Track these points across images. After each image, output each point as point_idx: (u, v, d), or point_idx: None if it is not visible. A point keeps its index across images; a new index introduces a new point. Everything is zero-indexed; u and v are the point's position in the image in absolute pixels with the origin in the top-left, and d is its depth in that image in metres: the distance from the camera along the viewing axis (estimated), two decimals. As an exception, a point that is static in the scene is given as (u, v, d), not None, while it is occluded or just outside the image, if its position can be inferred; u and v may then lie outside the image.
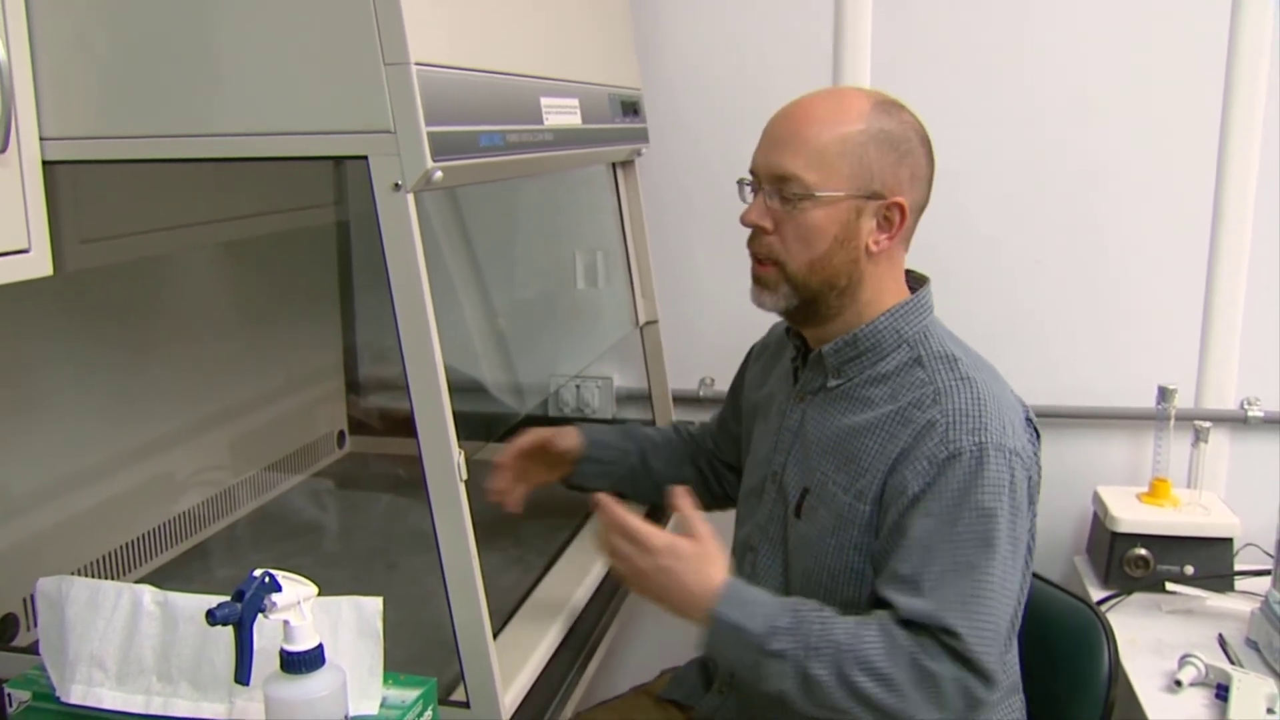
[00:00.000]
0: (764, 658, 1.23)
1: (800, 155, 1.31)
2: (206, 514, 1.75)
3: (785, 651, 1.23)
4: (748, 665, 1.25)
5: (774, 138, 1.36)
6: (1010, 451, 1.25)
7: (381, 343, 2.14)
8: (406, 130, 1.04)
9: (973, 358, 1.36)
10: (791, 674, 1.22)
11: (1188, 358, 2.01)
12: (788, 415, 1.45)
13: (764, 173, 1.35)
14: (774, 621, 1.24)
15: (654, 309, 2.04)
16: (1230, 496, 1.98)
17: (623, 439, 1.72)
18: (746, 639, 1.24)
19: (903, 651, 1.21)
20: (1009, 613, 1.25)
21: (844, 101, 1.35)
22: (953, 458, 1.24)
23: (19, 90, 1.07)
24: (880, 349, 1.36)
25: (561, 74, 1.48)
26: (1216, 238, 1.96)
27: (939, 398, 1.29)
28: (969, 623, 1.20)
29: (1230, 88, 1.91)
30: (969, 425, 1.25)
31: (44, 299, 1.38)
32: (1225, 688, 1.50)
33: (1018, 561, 1.26)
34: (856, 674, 1.20)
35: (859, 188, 1.31)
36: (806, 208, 1.31)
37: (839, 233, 1.32)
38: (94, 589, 1.13)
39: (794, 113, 1.36)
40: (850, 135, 1.31)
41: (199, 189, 1.57)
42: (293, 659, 0.97)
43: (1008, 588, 1.24)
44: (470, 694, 1.17)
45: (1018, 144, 1.99)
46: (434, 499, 1.11)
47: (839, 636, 1.23)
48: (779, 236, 1.35)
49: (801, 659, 1.22)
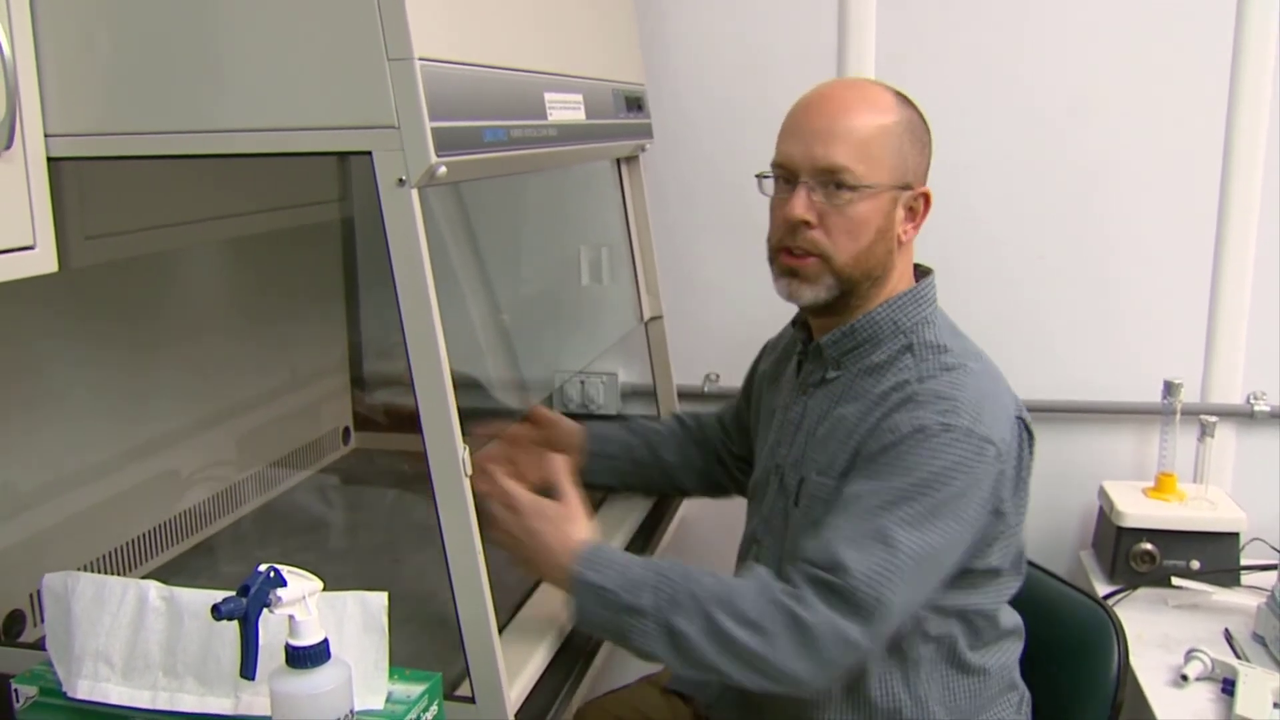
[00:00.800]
0: (627, 616, 1.22)
1: (846, 146, 1.31)
2: (212, 510, 1.76)
3: (646, 607, 1.21)
4: (613, 627, 1.24)
5: (815, 130, 1.34)
6: (980, 438, 1.24)
7: (386, 339, 2.14)
8: (410, 125, 1.04)
9: (969, 350, 1.36)
10: (656, 631, 1.21)
11: (1193, 352, 2.01)
12: (791, 408, 1.46)
13: (807, 165, 1.33)
14: (633, 577, 1.23)
15: (658, 304, 2.04)
16: (1236, 491, 1.98)
17: (626, 433, 1.73)
18: (607, 597, 1.23)
19: (775, 597, 1.19)
20: (924, 584, 1.23)
21: (871, 92, 1.36)
22: (917, 432, 1.24)
23: (24, 87, 1.07)
24: (876, 339, 1.36)
25: (565, 69, 1.48)
26: (1222, 232, 1.96)
27: (920, 381, 1.29)
28: (863, 560, 1.18)
29: (1236, 82, 1.90)
30: (940, 406, 1.25)
31: (49, 295, 1.38)
32: (1231, 682, 1.50)
33: (952, 544, 1.23)
34: (724, 620, 1.18)
35: (896, 179, 1.33)
36: (852, 199, 1.31)
37: (881, 224, 1.33)
38: (100, 584, 1.13)
39: (828, 105, 1.35)
40: (888, 126, 1.33)
41: (203, 185, 1.56)
42: (298, 654, 0.97)
43: (930, 558, 1.21)
44: (475, 689, 1.17)
45: (1022, 139, 1.99)
46: (439, 494, 1.11)
47: (706, 585, 1.21)
48: (824, 230, 1.33)
49: (665, 612, 1.20)
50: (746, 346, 1.73)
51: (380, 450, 2.18)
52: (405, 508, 1.82)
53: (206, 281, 1.77)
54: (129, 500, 1.57)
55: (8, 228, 1.05)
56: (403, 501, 1.85)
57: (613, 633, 1.25)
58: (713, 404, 2.18)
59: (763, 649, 1.18)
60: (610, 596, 1.23)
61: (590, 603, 1.25)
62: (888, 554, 1.19)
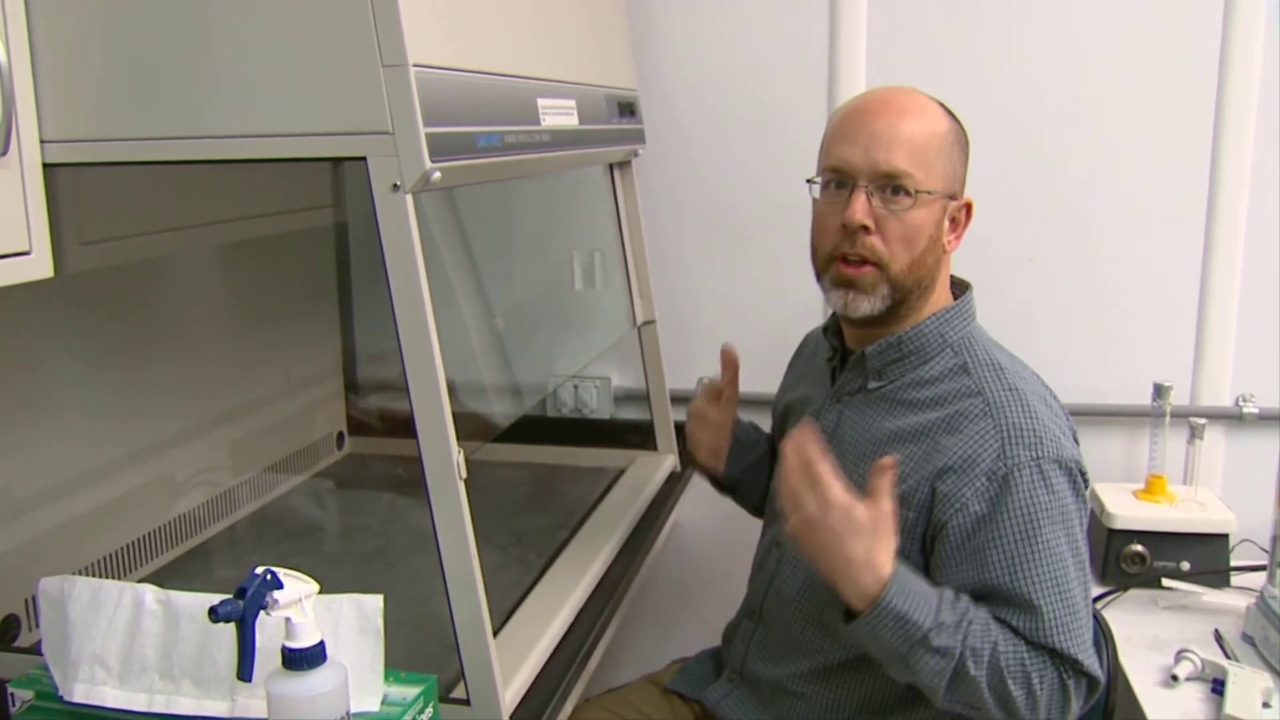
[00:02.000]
0: (924, 651, 1.20)
1: (908, 152, 1.31)
2: (207, 515, 1.76)
3: (948, 648, 1.20)
4: (899, 654, 1.21)
5: (875, 134, 1.32)
6: (1067, 460, 1.26)
7: (380, 344, 2.14)
8: (405, 131, 1.05)
9: (1017, 365, 1.37)
10: (948, 670, 1.21)
11: (1183, 355, 2.02)
12: (823, 415, 1.45)
13: (868, 169, 1.31)
14: (940, 617, 1.21)
15: (651, 309, 2.04)
16: (1226, 493, 1.99)
17: (758, 430, 1.70)
18: (910, 631, 1.19)
19: (1051, 670, 1.22)
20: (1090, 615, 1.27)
21: (922, 100, 1.36)
22: (1011, 473, 1.25)
23: (19, 93, 1.07)
24: (924, 352, 1.36)
25: (558, 75, 1.49)
26: (1211, 234, 1.97)
27: (990, 410, 1.29)
28: (1079, 643, 1.23)
29: (1224, 85, 1.92)
30: (1025, 440, 1.26)
31: (45, 301, 1.39)
32: (1221, 682, 1.51)
33: (1086, 566, 1.28)
34: (1010, 683, 1.21)
35: (948, 187, 1.33)
36: (910, 206, 1.31)
37: (934, 232, 1.33)
38: (96, 588, 1.14)
39: (887, 109, 1.34)
40: (943, 134, 1.33)
41: (198, 191, 1.57)
42: (295, 655, 0.97)
43: (1087, 594, 1.26)
44: (471, 691, 1.18)
45: (1012, 142, 2.00)
46: (434, 498, 1.12)
47: (999, 643, 1.22)
48: (881, 236, 1.32)
49: (963, 658, 1.20)
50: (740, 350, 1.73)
51: (374, 455, 2.18)
52: (399, 512, 1.83)
53: (201, 287, 1.78)
54: (124, 505, 1.58)
55: (3, 233, 1.05)
56: (397, 506, 1.86)
57: (897, 659, 1.22)
58: (706, 408, 2.19)
59: (1029, 714, 1.22)
60: (914, 632, 1.19)
61: (887, 629, 1.20)
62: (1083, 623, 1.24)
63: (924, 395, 1.34)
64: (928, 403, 1.33)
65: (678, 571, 2.02)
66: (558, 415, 2.26)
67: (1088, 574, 1.27)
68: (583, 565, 1.59)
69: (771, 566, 1.47)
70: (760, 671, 1.46)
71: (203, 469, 1.75)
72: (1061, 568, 1.24)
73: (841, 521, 1.20)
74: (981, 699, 1.21)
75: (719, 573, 1.67)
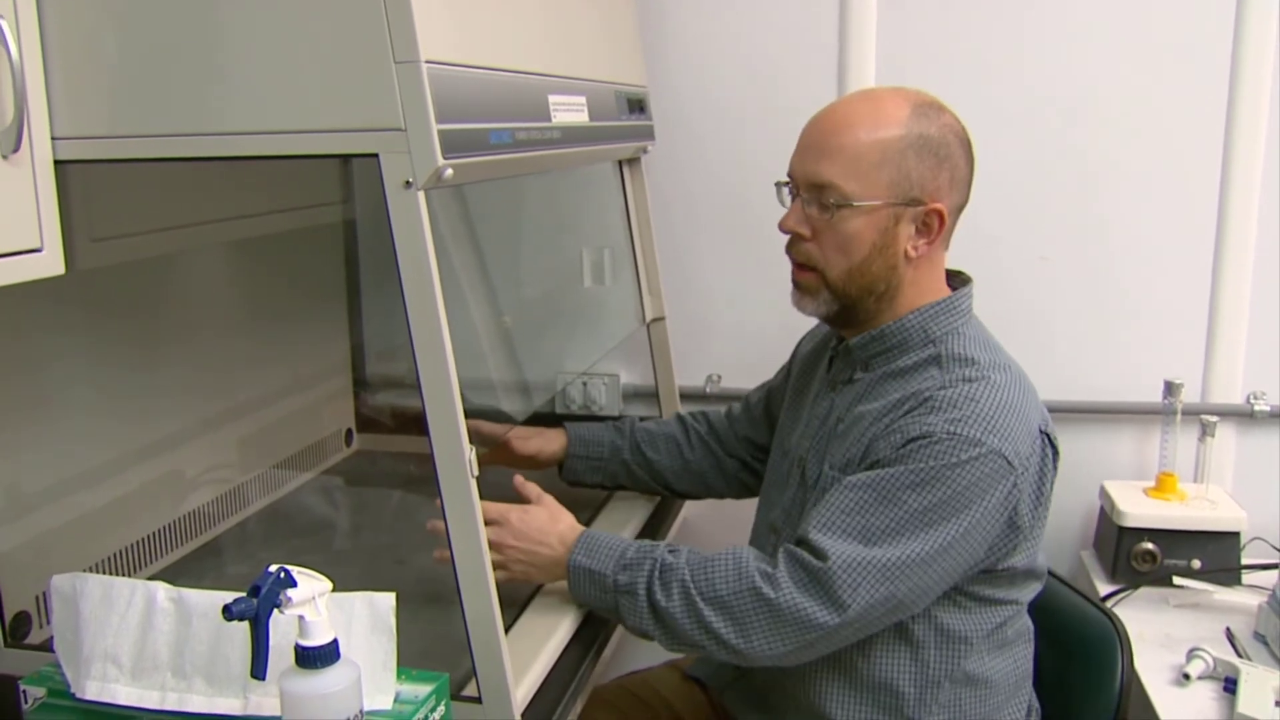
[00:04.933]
0: (617, 594, 1.31)
1: (838, 163, 1.31)
2: (216, 512, 1.76)
3: (634, 584, 1.30)
4: (609, 608, 1.34)
5: (811, 144, 1.35)
6: (990, 450, 1.23)
7: (389, 341, 2.15)
8: (417, 128, 1.05)
9: (998, 362, 1.34)
10: (645, 609, 1.29)
11: (1194, 352, 2.01)
12: (818, 404, 1.47)
13: (801, 180, 1.35)
14: (624, 560, 1.32)
15: (660, 306, 2.04)
16: (1237, 491, 1.99)
17: (614, 434, 1.75)
18: (599, 579, 1.33)
19: (748, 577, 1.25)
20: (910, 584, 1.23)
21: (882, 106, 1.33)
22: (923, 438, 1.24)
23: (31, 90, 1.07)
24: (905, 345, 1.36)
25: (569, 71, 1.49)
26: (1222, 232, 1.96)
27: (941, 390, 1.29)
28: (845, 550, 1.22)
29: (1236, 83, 1.91)
30: (951, 414, 1.25)
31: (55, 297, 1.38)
32: (1233, 681, 1.51)
33: (945, 551, 1.23)
34: (699, 600, 1.26)
35: (898, 195, 1.31)
36: (845, 216, 1.31)
37: (877, 240, 1.32)
38: (108, 586, 1.14)
39: (831, 118, 1.35)
40: (889, 142, 1.31)
41: (208, 188, 1.57)
42: (308, 654, 0.97)
43: (917, 563, 1.22)
44: (482, 689, 1.18)
45: (1023, 140, 1.99)
46: (445, 494, 1.12)
47: (686, 564, 1.28)
48: (817, 244, 1.35)
49: (649, 589, 1.28)
50: (749, 347, 1.74)
51: (383, 452, 2.18)
52: (409, 509, 1.83)
53: (210, 283, 1.78)
54: (134, 501, 1.58)
55: (15, 230, 1.05)
56: (406, 503, 1.86)
57: (611, 612, 1.35)
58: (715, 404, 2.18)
59: (731, 629, 1.25)
60: (601, 579, 1.33)
61: (586, 587, 1.35)
62: (870, 550, 1.22)
63: (894, 384, 1.35)
64: (894, 390, 1.34)
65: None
66: (566, 412, 2.26)
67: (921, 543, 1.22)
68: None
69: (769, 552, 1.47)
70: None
71: (212, 465, 1.75)
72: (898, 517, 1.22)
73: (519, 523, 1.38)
74: (689, 632, 1.26)
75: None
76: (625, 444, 1.74)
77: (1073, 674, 1.47)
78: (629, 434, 1.75)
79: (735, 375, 2.17)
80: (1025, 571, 1.34)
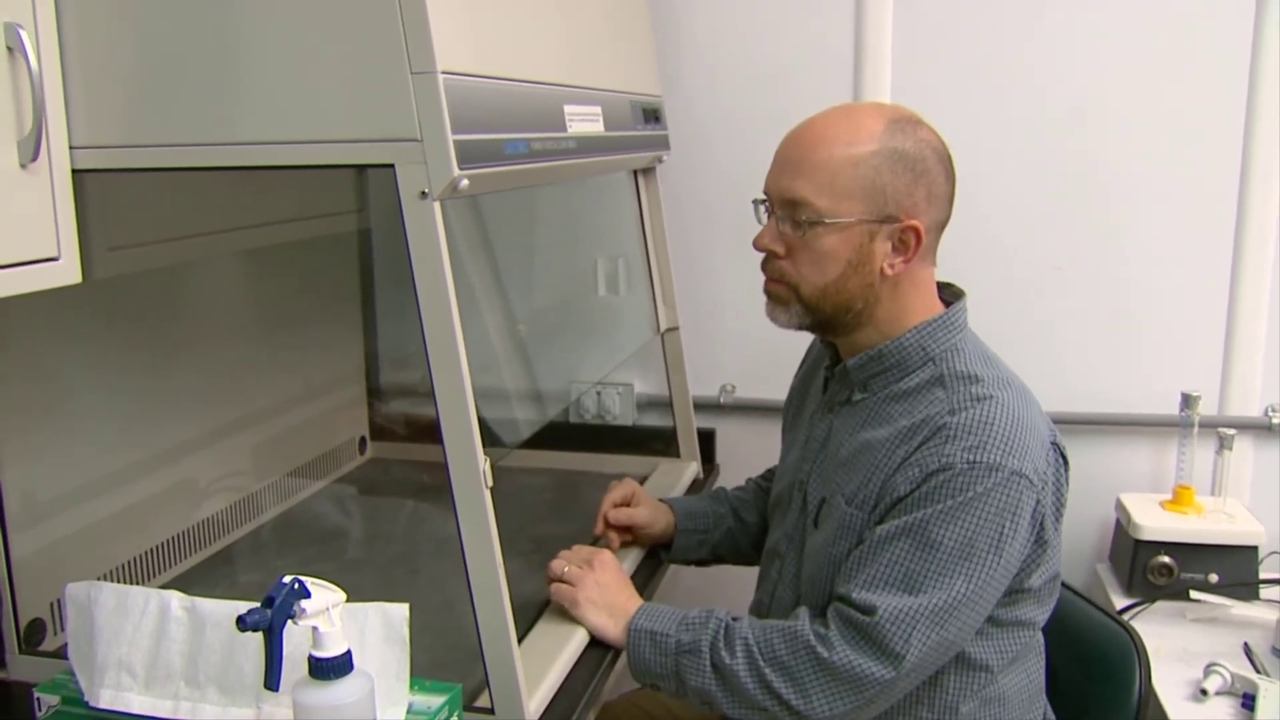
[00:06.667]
0: (679, 655, 1.29)
1: (810, 180, 1.29)
2: (229, 520, 1.76)
3: (698, 642, 1.29)
4: (669, 672, 1.31)
5: (784, 161, 1.33)
6: (1011, 472, 1.22)
7: (402, 349, 2.15)
8: (433, 138, 1.05)
9: (1001, 377, 1.32)
10: (708, 666, 1.28)
11: (1211, 364, 2.00)
12: (816, 425, 1.45)
13: (775, 196, 1.34)
14: (686, 621, 1.32)
15: (675, 316, 2.04)
16: (1255, 504, 1.97)
17: (714, 503, 1.72)
18: (660, 641, 1.32)
19: (804, 639, 1.24)
20: (958, 625, 1.23)
21: (856, 121, 1.31)
22: (943, 470, 1.23)
23: (49, 99, 1.08)
24: (905, 365, 1.34)
25: (584, 81, 1.49)
26: (1240, 243, 1.95)
27: (951, 414, 1.27)
28: (893, 603, 1.21)
29: (1254, 92, 1.90)
30: (967, 442, 1.23)
31: (69, 306, 1.39)
32: (1251, 696, 1.50)
33: (987, 583, 1.23)
34: (761, 662, 1.25)
35: (872, 211, 1.28)
36: (818, 233, 1.29)
37: (852, 257, 1.30)
38: (122, 594, 1.14)
39: (804, 135, 1.33)
40: (862, 158, 1.28)
41: (223, 197, 1.58)
42: (322, 665, 0.97)
43: (963, 603, 1.22)
44: (495, 700, 1.18)
45: (1038, 148, 1.99)
46: (459, 505, 1.12)
47: (749, 626, 1.28)
48: (791, 261, 1.33)
49: (714, 647, 1.28)
50: (763, 357, 1.73)
51: (396, 460, 2.18)
52: (422, 518, 1.83)
53: (225, 292, 1.78)
54: (148, 509, 1.58)
55: (33, 239, 1.06)
56: (419, 512, 1.86)
57: (669, 677, 1.31)
58: (728, 415, 2.19)
59: (792, 690, 1.24)
60: (663, 641, 1.31)
61: (645, 649, 1.33)
62: (918, 600, 1.21)
63: (899, 408, 1.33)
64: (902, 414, 1.32)
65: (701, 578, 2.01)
66: (580, 422, 2.25)
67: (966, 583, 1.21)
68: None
69: (774, 577, 1.47)
70: None
71: (225, 473, 1.76)
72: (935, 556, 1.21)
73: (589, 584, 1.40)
74: (752, 693, 1.25)
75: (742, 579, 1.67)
76: (726, 511, 1.70)
77: (1090, 688, 1.46)
78: (727, 501, 1.72)
79: (749, 385, 2.17)
80: (1049, 584, 1.33)
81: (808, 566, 1.39)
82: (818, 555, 1.36)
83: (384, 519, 1.92)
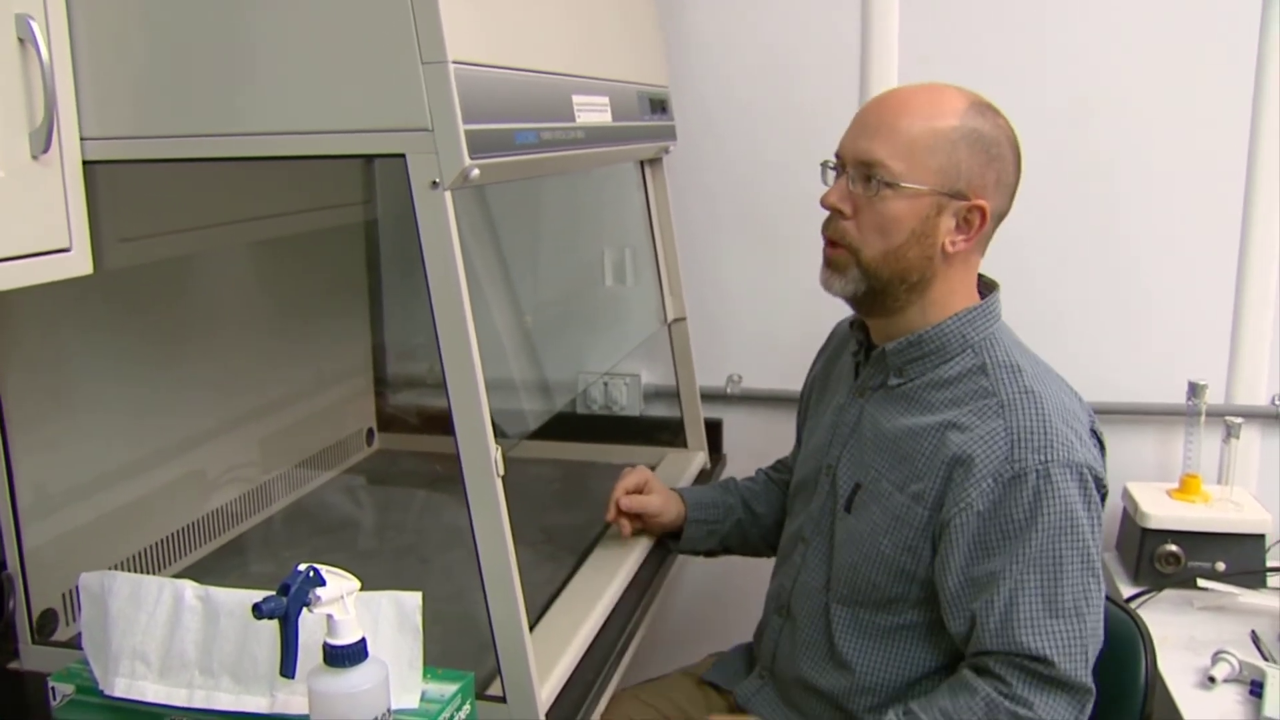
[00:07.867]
0: None
1: (889, 143, 1.31)
2: (239, 511, 1.77)
3: None
4: None
5: (865, 124, 1.35)
6: (1078, 465, 1.25)
7: (410, 341, 2.15)
8: (444, 128, 1.05)
9: (1038, 367, 1.36)
10: None
11: (1218, 353, 2.00)
12: (846, 410, 1.46)
13: (850, 157, 1.34)
14: None
15: (682, 306, 2.04)
16: (1262, 492, 1.97)
17: (724, 493, 1.72)
18: None
19: (1003, 710, 1.22)
20: (1096, 624, 1.25)
21: (941, 97, 1.34)
22: (1018, 477, 1.24)
23: (60, 91, 1.08)
24: (945, 352, 1.35)
25: (592, 72, 1.49)
26: (1247, 232, 1.95)
27: (1002, 410, 1.28)
28: (1057, 643, 1.22)
29: (1260, 82, 1.90)
30: (1034, 443, 1.25)
31: (79, 297, 1.39)
32: (1259, 684, 1.50)
33: (1096, 572, 1.26)
34: None
35: (944, 184, 1.31)
36: (888, 196, 1.31)
37: (917, 227, 1.32)
38: (136, 584, 1.15)
39: (889, 101, 1.36)
40: (942, 130, 1.31)
41: (233, 188, 1.58)
42: (336, 653, 0.98)
43: (1091, 601, 1.24)
44: (507, 688, 1.18)
45: (1046, 138, 1.97)
46: (471, 495, 1.12)
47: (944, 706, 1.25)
48: (856, 222, 1.34)
49: None
50: (769, 348, 1.73)
51: (404, 451, 2.19)
52: (431, 508, 1.83)
53: (234, 283, 1.79)
54: (159, 500, 1.59)
55: (45, 230, 1.06)
56: (428, 502, 1.86)
57: None
58: (735, 405, 2.19)
59: None
60: None
61: None
62: (1072, 623, 1.23)
63: (942, 396, 1.34)
64: (945, 403, 1.33)
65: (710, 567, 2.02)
66: (588, 412, 2.26)
67: (1091, 578, 1.24)
68: (615, 562, 1.59)
69: (798, 561, 1.47)
70: (788, 669, 1.47)
71: (235, 464, 1.76)
72: (1053, 569, 1.23)
73: None
74: None
75: (752, 568, 1.67)
76: (736, 503, 1.70)
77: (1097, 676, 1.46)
78: (737, 492, 1.72)
79: (756, 375, 2.17)
80: None
81: (844, 553, 1.39)
82: (860, 543, 1.36)
83: (393, 510, 1.92)
